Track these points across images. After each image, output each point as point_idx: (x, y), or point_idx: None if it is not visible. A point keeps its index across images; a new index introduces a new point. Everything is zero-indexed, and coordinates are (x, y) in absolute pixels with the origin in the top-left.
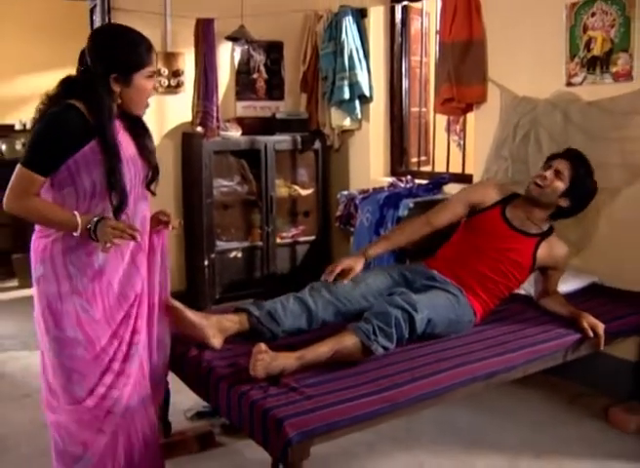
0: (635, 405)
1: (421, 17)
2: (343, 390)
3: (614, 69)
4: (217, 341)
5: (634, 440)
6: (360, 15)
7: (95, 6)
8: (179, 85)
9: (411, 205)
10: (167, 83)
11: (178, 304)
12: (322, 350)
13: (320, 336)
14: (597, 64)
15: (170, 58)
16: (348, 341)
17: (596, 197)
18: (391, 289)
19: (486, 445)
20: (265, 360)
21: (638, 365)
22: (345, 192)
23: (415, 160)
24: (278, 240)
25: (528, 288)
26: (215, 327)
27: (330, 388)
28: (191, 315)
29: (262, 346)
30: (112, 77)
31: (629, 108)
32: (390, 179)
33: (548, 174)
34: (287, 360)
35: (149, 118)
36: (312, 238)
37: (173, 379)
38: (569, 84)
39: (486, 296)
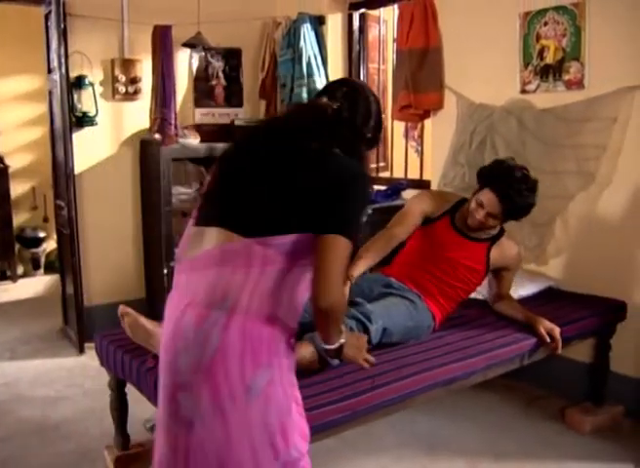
0: (590, 406)
1: (379, 24)
2: (304, 400)
3: (566, 77)
4: None
5: (589, 440)
6: (318, 22)
7: (50, 12)
8: (136, 92)
9: (369, 211)
10: (124, 90)
11: (131, 311)
12: None
13: None
14: (550, 72)
15: (127, 64)
16: (304, 352)
17: (552, 203)
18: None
19: (446, 448)
20: None
21: (592, 366)
22: None
23: (373, 166)
24: None
25: (486, 293)
26: None
27: None
28: (146, 322)
29: None
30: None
31: (581, 116)
32: None
33: (481, 216)
34: None
35: (107, 125)
36: None
37: (131, 389)
38: (523, 91)
39: (444, 301)
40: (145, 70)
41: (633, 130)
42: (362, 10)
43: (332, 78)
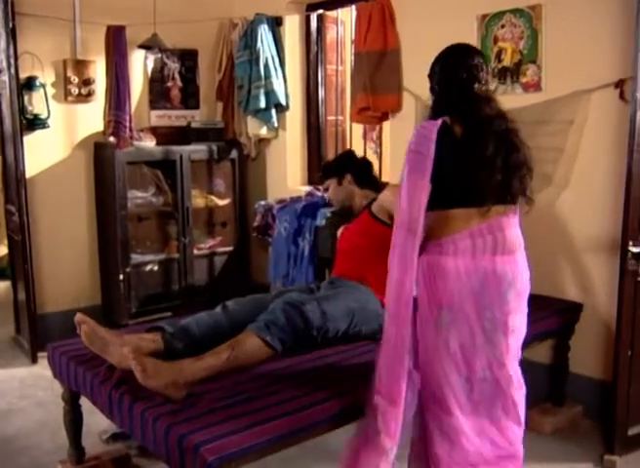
0: (550, 406)
1: (337, 25)
2: (261, 411)
3: (523, 80)
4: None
5: (550, 441)
6: (275, 23)
7: None
8: (90, 94)
9: (328, 214)
10: (77, 91)
11: (89, 320)
12: (221, 348)
13: None
14: (508, 75)
15: (80, 65)
16: (247, 341)
17: None
18: None
19: None
20: (150, 368)
21: (552, 367)
22: (263, 202)
23: None
24: (195, 251)
25: None
26: (128, 346)
27: (248, 409)
28: (103, 331)
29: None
30: None
31: (539, 118)
32: (308, 188)
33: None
34: (184, 363)
35: (59, 127)
36: (230, 249)
37: (85, 400)
38: None
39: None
40: (99, 71)
41: (589, 132)
42: (320, 11)
43: (290, 80)
